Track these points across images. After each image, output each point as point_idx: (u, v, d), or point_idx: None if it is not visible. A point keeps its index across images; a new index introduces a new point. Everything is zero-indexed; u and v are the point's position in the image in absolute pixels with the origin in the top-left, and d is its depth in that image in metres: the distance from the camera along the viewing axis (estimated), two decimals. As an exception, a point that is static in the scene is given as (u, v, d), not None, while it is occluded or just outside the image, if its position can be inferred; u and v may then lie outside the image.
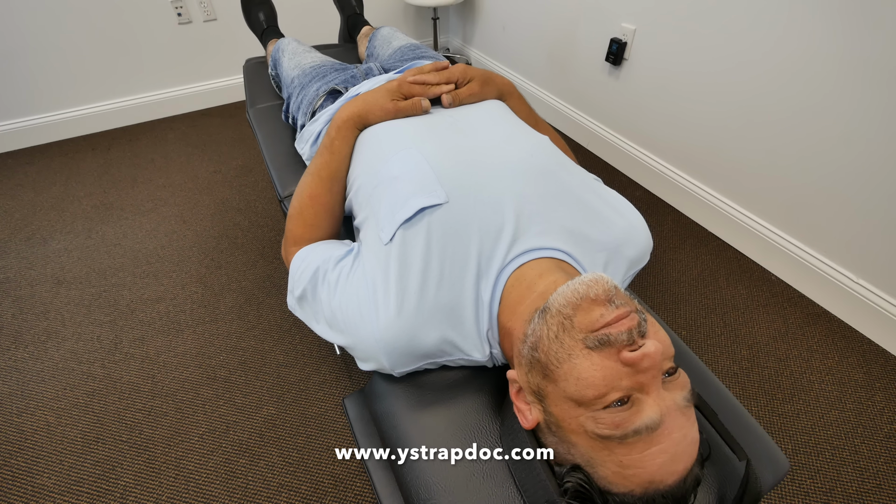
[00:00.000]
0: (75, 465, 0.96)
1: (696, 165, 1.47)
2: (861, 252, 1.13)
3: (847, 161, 1.09)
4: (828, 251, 1.21)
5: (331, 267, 0.57)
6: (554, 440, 0.43)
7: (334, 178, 0.65)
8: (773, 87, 1.17)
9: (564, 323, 0.41)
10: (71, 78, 1.90)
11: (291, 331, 1.21)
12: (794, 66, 1.11)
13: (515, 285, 0.51)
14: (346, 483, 0.93)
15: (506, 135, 0.63)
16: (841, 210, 1.14)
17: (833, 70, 1.05)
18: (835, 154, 1.10)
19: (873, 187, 1.06)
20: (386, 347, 0.50)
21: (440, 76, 0.67)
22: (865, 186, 1.07)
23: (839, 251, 1.18)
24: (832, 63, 1.04)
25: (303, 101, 0.92)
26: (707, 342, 1.17)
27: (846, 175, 1.10)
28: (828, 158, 1.12)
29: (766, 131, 1.23)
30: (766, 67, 1.17)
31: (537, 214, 0.54)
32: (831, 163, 1.12)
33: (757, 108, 1.23)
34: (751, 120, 1.25)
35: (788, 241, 1.28)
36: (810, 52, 1.07)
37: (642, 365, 0.38)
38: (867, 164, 1.05)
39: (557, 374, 0.41)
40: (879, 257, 1.10)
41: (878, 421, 1.02)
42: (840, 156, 1.09)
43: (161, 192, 1.69)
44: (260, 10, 1.42)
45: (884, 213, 1.06)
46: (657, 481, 0.38)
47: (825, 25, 1.03)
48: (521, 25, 2.02)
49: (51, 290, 1.32)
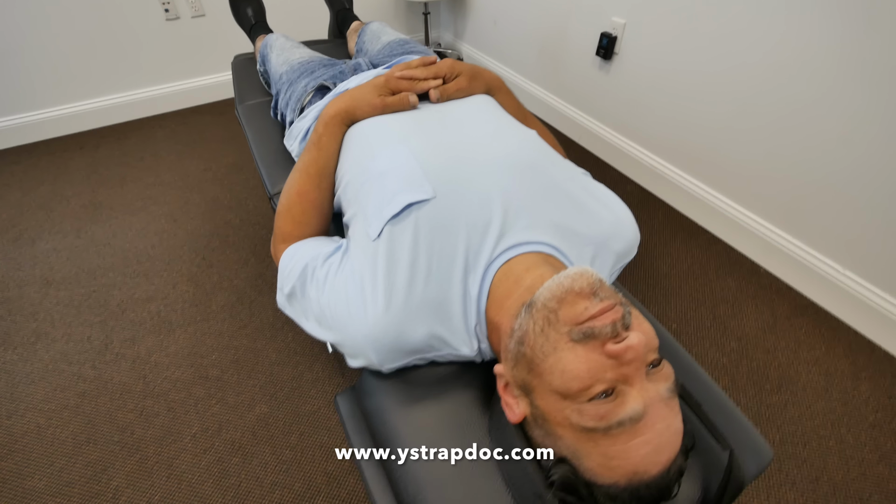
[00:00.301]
0: (66, 467, 0.95)
1: (687, 160, 1.48)
2: (847, 243, 1.15)
3: (834, 154, 1.10)
4: (814, 243, 1.22)
5: (319, 264, 0.57)
6: (540, 433, 0.43)
7: (322, 174, 0.65)
8: (763, 82, 1.18)
9: (550, 317, 0.41)
10: (57, 75, 1.87)
11: (284, 329, 1.20)
12: (781, 59, 1.12)
13: (503, 280, 0.51)
14: (339, 480, 0.93)
15: (493, 130, 0.63)
16: (828, 203, 1.15)
17: (822, 65, 1.05)
18: (824, 148, 1.11)
19: (860, 179, 1.07)
20: (374, 343, 0.50)
21: (428, 71, 0.67)
22: (852, 179, 1.08)
23: (826, 243, 1.20)
24: (822, 56, 1.05)
25: (291, 97, 0.91)
26: (697, 335, 1.19)
27: (834, 168, 1.11)
28: (816, 153, 1.13)
29: (756, 125, 1.24)
30: (755, 61, 1.18)
31: (524, 209, 0.54)
32: (819, 157, 1.13)
33: (746, 103, 1.24)
34: (740, 114, 1.26)
35: (776, 234, 1.29)
36: (795, 44, 1.08)
37: (626, 357, 0.38)
38: (853, 157, 1.06)
39: (543, 368, 0.41)
40: (865, 248, 1.12)
41: (863, 410, 1.03)
42: (828, 150, 1.11)
43: (151, 191, 1.68)
44: (248, 6, 1.41)
45: (870, 205, 1.07)
46: (641, 472, 0.39)
47: (815, 18, 1.04)
48: (513, 20, 2.02)
49: (39, 291, 1.31)
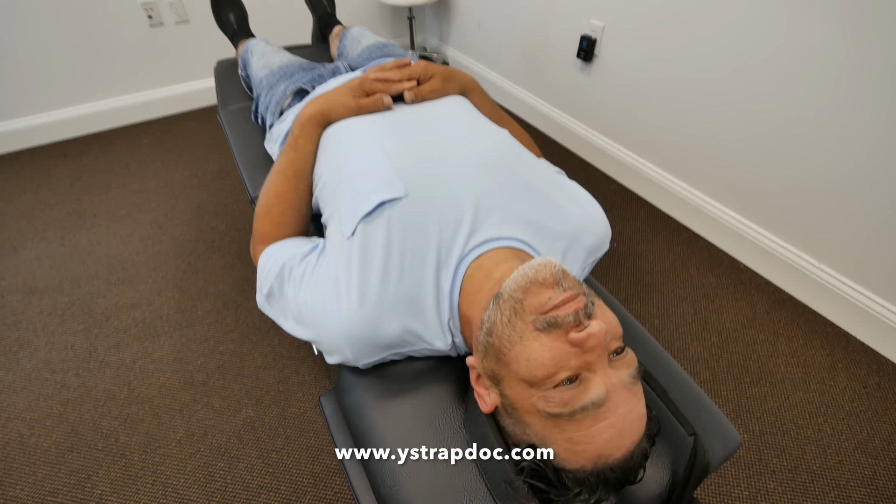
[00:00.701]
0: (49, 476, 0.94)
1: (667, 159, 1.51)
2: (822, 238, 1.18)
3: (807, 153, 1.13)
4: (791, 238, 1.25)
5: (296, 263, 0.58)
6: (510, 421, 0.45)
7: (299, 175, 0.66)
8: (740, 80, 1.21)
9: (515, 307, 0.43)
10: (40, 83, 1.86)
11: (270, 333, 1.20)
12: (759, 59, 1.15)
13: (474, 275, 0.52)
14: (325, 482, 0.94)
15: (466, 129, 0.64)
16: (803, 200, 1.18)
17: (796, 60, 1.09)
18: (796, 147, 1.14)
19: (833, 177, 1.10)
20: (349, 339, 0.51)
21: (402, 73, 0.68)
22: (825, 176, 1.11)
23: (802, 238, 1.22)
24: (800, 53, 1.08)
25: (271, 100, 0.92)
26: (679, 330, 1.21)
27: (808, 167, 1.14)
28: (790, 152, 1.16)
29: (735, 124, 1.26)
30: (732, 61, 1.21)
31: (496, 206, 0.56)
32: (793, 156, 1.16)
33: (725, 102, 1.27)
34: (719, 113, 1.29)
35: (755, 231, 1.32)
36: (776, 43, 1.11)
37: (588, 344, 0.39)
38: (826, 155, 1.09)
39: (510, 357, 0.42)
40: (839, 243, 1.14)
41: (840, 400, 1.06)
42: (802, 150, 1.13)
43: (136, 198, 1.67)
44: (230, 11, 1.41)
45: (842, 201, 1.10)
46: (606, 455, 0.40)
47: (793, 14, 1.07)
48: (496, 24, 2.05)
49: (22, 300, 1.30)
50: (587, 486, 0.41)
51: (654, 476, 0.49)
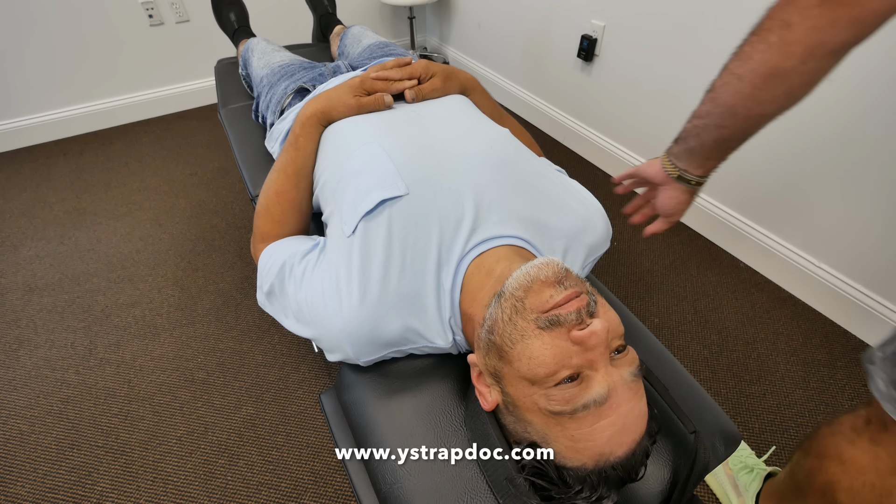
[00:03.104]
0: (50, 473, 0.95)
1: (667, 158, 1.51)
2: (822, 237, 1.18)
3: (807, 153, 1.13)
4: (790, 237, 1.25)
5: (297, 261, 0.58)
6: (511, 419, 0.45)
7: (300, 174, 0.66)
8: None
9: (517, 305, 0.43)
10: (40, 81, 1.86)
11: (270, 331, 1.20)
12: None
13: (475, 273, 0.52)
14: (325, 479, 0.94)
15: (466, 128, 0.64)
16: (802, 198, 1.18)
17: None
18: (799, 146, 1.14)
19: (833, 176, 1.10)
20: (350, 337, 0.51)
21: (402, 72, 0.68)
22: (826, 176, 1.11)
23: (802, 237, 1.23)
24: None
25: (272, 99, 0.92)
26: (679, 328, 1.21)
27: (807, 166, 1.14)
28: (793, 151, 1.16)
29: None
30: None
31: (496, 204, 0.56)
32: (792, 155, 1.16)
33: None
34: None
35: (755, 229, 1.32)
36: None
37: (590, 343, 0.39)
38: (825, 155, 1.10)
39: (512, 355, 0.42)
40: (839, 241, 1.15)
41: (839, 398, 1.06)
42: (803, 149, 1.14)
43: (136, 196, 1.67)
44: (231, 11, 1.41)
45: (842, 200, 1.10)
46: (607, 453, 0.40)
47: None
48: (496, 23, 2.04)
49: (22, 298, 1.30)
50: (588, 484, 0.41)
51: (655, 474, 0.49)
